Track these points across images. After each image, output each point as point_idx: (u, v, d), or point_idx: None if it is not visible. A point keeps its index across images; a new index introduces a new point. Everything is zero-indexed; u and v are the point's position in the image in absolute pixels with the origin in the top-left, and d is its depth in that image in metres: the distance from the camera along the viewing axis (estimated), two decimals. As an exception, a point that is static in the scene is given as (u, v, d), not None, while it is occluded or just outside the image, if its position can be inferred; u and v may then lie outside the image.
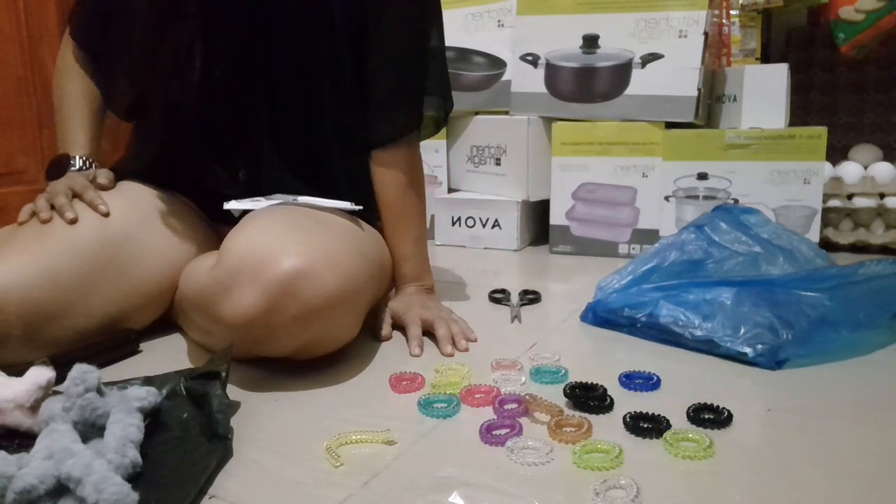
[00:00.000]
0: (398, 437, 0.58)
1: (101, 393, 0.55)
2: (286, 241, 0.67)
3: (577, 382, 0.67)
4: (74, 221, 0.77)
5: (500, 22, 1.53)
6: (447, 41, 0.94)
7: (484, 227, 1.48)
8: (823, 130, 1.25)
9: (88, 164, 0.90)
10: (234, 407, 0.64)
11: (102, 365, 0.74)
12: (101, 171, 0.87)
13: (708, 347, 0.77)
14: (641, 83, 1.34)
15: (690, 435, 0.56)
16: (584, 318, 0.91)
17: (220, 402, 0.58)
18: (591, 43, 1.38)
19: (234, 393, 0.67)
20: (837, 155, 1.59)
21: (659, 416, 0.59)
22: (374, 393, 0.68)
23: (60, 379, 0.57)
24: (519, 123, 1.46)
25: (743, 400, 0.65)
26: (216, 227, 0.92)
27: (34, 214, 0.78)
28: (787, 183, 1.27)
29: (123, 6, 0.85)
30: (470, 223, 1.50)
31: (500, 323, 0.92)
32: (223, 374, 0.63)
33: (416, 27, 0.90)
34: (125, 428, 0.52)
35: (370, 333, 0.85)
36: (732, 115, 1.41)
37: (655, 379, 0.69)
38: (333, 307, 0.68)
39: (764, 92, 1.37)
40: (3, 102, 1.57)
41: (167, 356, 0.80)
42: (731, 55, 1.70)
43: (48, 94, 1.00)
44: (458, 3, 1.56)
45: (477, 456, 0.55)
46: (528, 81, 1.45)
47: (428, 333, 0.83)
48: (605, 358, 0.79)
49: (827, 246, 1.33)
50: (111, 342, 0.79)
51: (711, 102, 1.44)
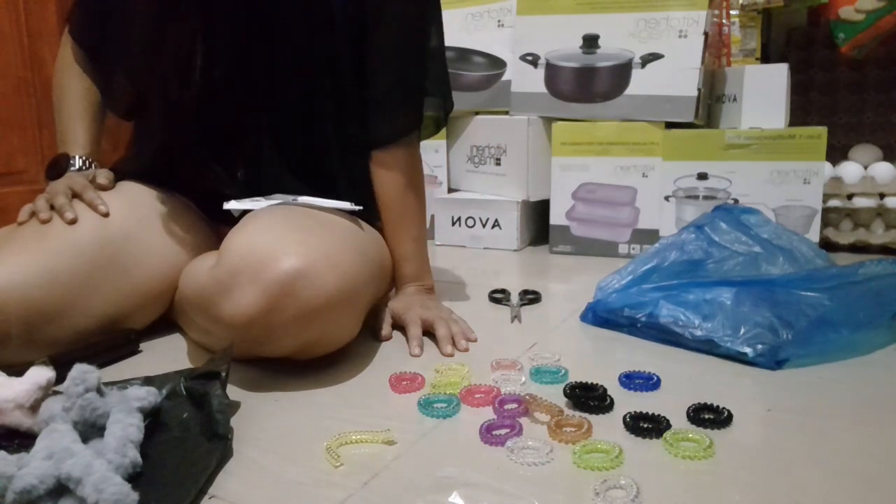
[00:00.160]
0: (398, 437, 0.58)
1: (101, 393, 0.55)
2: (286, 241, 0.67)
3: (577, 382, 0.67)
4: (74, 221, 0.77)
5: (500, 22, 1.53)
6: (447, 41, 0.94)
7: (484, 227, 1.48)
8: (823, 130, 1.25)
9: (88, 164, 0.90)
10: (234, 407, 0.64)
11: (102, 365, 0.74)
12: (100, 171, 0.87)
13: (708, 347, 0.77)
14: (641, 83, 1.34)
15: (690, 435, 0.56)
16: (584, 318, 0.91)
17: (220, 402, 0.58)
18: (591, 43, 1.38)
19: (234, 393, 0.67)
20: (837, 155, 1.59)
21: (659, 416, 0.59)
22: (374, 393, 0.68)
23: (60, 379, 0.57)
24: (519, 123, 1.46)
25: (743, 400, 0.65)
26: (216, 227, 0.92)
27: (34, 214, 0.78)
28: (787, 183, 1.27)
29: (123, 5, 0.85)
30: (470, 223, 1.50)
31: (500, 323, 0.92)
32: (223, 374, 0.62)
33: (415, 27, 0.90)
34: (125, 428, 0.52)
35: (370, 333, 0.85)
36: (732, 115, 1.41)
37: (655, 379, 0.69)
38: (333, 307, 0.68)
39: (764, 92, 1.37)
40: (3, 102, 1.57)
41: (167, 356, 0.80)
42: (731, 55, 1.70)
43: (48, 94, 1.01)
44: (458, 3, 1.56)
45: (477, 456, 0.55)
46: (528, 81, 1.45)
47: (428, 333, 0.83)
48: (605, 358, 0.79)
49: (827, 246, 1.33)
50: (111, 342, 0.79)
51: (711, 102, 1.44)
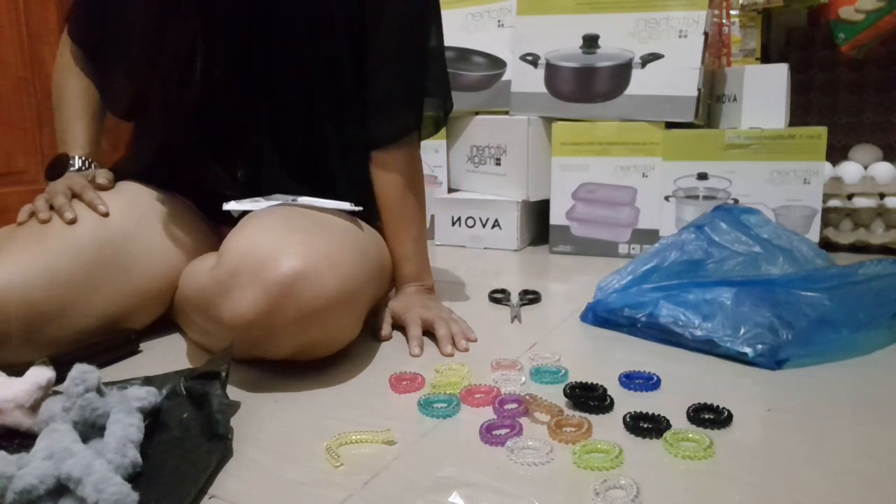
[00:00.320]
0: (398, 437, 0.58)
1: (101, 393, 0.55)
2: (286, 241, 0.67)
3: (577, 382, 0.67)
4: (74, 221, 0.77)
5: (500, 22, 1.53)
6: (447, 41, 0.94)
7: (484, 227, 1.48)
8: (823, 130, 1.25)
9: (88, 164, 0.90)
10: (234, 407, 0.64)
11: (102, 365, 0.74)
12: (100, 171, 0.87)
13: (708, 347, 0.77)
14: (641, 83, 1.34)
15: (690, 435, 0.56)
16: (584, 318, 0.91)
17: (220, 402, 0.58)
18: (591, 43, 1.38)
19: (234, 393, 0.67)
20: (837, 155, 1.59)
21: (659, 416, 0.59)
22: (374, 393, 0.68)
23: (60, 379, 0.57)
24: (519, 123, 1.46)
25: (743, 400, 0.65)
26: (216, 227, 0.92)
27: (33, 215, 0.78)
28: (787, 183, 1.27)
29: (122, 6, 0.85)
30: (470, 223, 1.50)
31: (500, 323, 0.92)
32: (223, 374, 0.62)
33: (415, 27, 0.90)
34: (125, 428, 0.52)
35: (370, 333, 0.85)
36: (732, 115, 1.41)
37: (655, 379, 0.69)
38: (333, 308, 0.68)
39: (764, 92, 1.37)
40: (3, 102, 1.57)
41: (167, 356, 0.80)
42: (731, 55, 1.70)
43: (48, 94, 1.00)
44: (458, 3, 1.56)
45: (477, 456, 0.55)
46: (528, 81, 1.45)
47: (428, 333, 0.83)
48: (605, 358, 0.79)
49: (827, 246, 1.33)
50: (111, 342, 0.79)
51: (711, 102, 1.44)
